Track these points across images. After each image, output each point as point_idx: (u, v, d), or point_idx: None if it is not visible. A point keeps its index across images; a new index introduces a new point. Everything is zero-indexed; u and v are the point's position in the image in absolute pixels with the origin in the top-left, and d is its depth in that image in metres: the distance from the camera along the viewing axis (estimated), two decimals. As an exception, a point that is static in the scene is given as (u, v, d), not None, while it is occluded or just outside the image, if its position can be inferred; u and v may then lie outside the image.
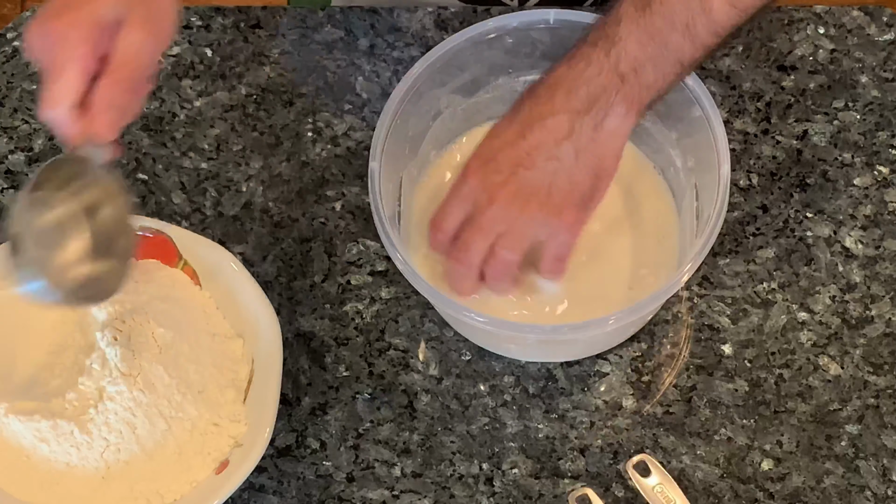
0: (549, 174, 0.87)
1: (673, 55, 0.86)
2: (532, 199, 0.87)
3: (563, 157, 0.87)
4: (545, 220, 0.88)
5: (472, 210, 0.89)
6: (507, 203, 0.87)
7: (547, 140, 0.87)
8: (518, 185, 0.87)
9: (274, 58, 1.09)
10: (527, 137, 0.87)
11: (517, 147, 0.87)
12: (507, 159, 0.88)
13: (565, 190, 0.87)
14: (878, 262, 0.99)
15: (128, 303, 0.90)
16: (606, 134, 0.87)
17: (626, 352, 0.96)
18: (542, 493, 0.92)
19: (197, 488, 0.89)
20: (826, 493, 0.91)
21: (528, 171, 0.87)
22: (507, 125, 0.89)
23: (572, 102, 0.86)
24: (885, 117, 1.04)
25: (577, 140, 0.86)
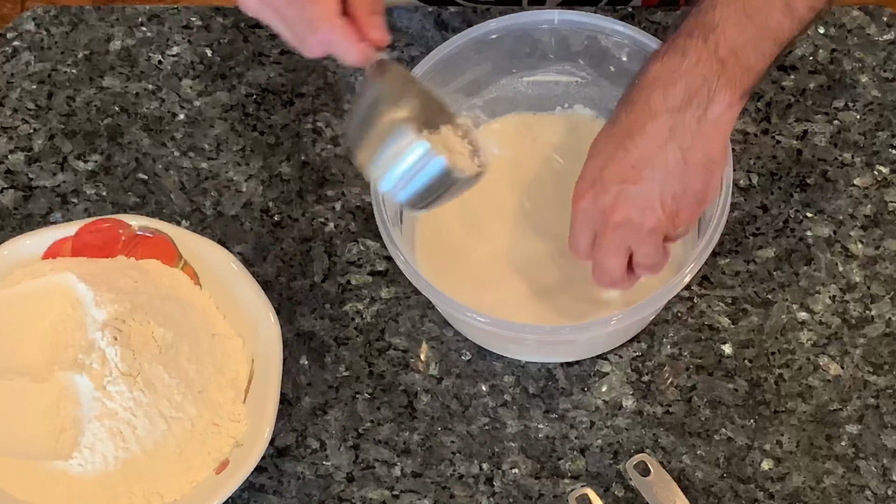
0: (658, 184, 0.83)
1: (772, 35, 0.82)
2: (648, 215, 0.84)
3: (669, 162, 0.83)
4: (665, 229, 0.85)
5: (596, 230, 0.86)
6: (622, 225, 0.84)
7: (650, 148, 0.83)
8: (629, 204, 0.84)
9: (274, 58, 1.09)
10: (629, 150, 0.83)
11: (620, 163, 0.84)
12: (613, 177, 0.84)
13: (678, 194, 0.84)
14: (878, 262, 0.99)
15: (128, 303, 0.90)
16: (710, 125, 0.83)
17: (626, 352, 0.96)
18: (542, 493, 0.92)
19: (197, 488, 0.89)
20: (826, 493, 0.91)
21: (635, 187, 0.83)
22: (606, 140, 0.85)
23: (670, 100, 0.82)
24: (885, 117, 1.04)
25: (682, 139, 0.82)
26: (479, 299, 0.94)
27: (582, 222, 0.87)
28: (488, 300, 0.95)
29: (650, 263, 0.87)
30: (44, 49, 1.10)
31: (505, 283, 0.96)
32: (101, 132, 1.07)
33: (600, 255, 0.87)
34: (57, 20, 1.11)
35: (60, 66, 1.09)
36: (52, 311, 0.91)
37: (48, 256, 0.96)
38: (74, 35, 1.11)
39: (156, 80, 1.08)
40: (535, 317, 0.94)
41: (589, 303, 0.94)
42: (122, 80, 1.08)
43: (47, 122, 1.07)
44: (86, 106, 1.08)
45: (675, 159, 0.83)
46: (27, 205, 1.04)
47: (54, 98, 1.08)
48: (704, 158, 0.83)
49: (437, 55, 0.95)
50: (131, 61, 1.09)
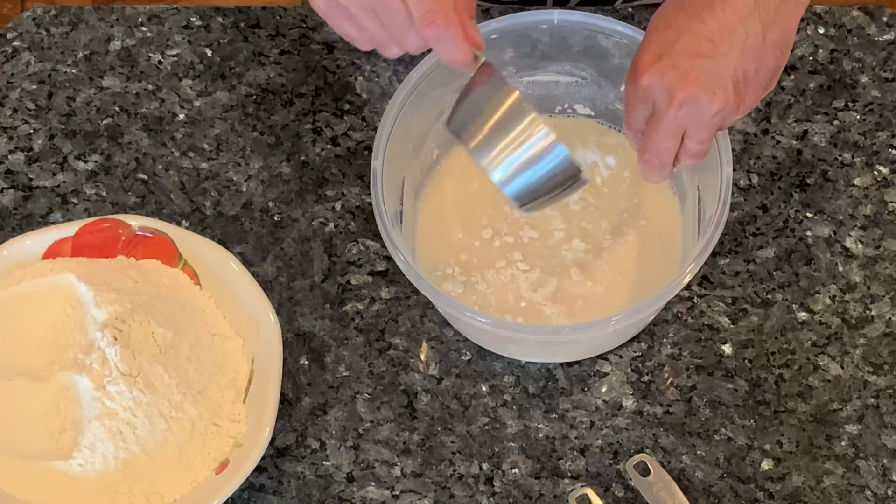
0: (733, 60, 0.78)
1: None
2: (718, 95, 0.79)
3: (749, 37, 0.78)
4: (731, 112, 0.81)
5: (653, 109, 0.82)
6: (689, 102, 0.79)
7: (731, 20, 0.78)
8: (699, 80, 0.78)
9: (274, 58, 1.09)
10: (706, 21, 0.78)
11: (696, 34, 0.79)
12: (686, 50, 0.79)
13: (751, 75, 0.80)
14: (878, 262, 0.99)
15: (128, 303, 0.90)
16: (789, 6, 0.79)
17: (626, 352, 0.96)
18: (542, 493, 0.92)
19: (197, 488, 0.89)
20: (826, 493, 0.91)
21: (709, 61, 0.78)
22: (678, 11, 0.80)
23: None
24: (885, 117, 1.04)
25: (764, 13, 0.78)
26: (479, 299, 0.94)
27: (643, 97, 0.81)
28: (489, 300, 0.95)
29: (701, 150, 0.83)
30: (44, 49, 1.10)
31: (505, 283, 0.96)
32: (101, 132, 1.07)
33: (657, 135, 0.82)
34: (57, 20, 1.11)
35: (60, 66, 1.09)
36: (52, 311, 0.91)
37: (48, 256, 0.96)
38: (74, 35, 1.11)
39: (156, 80, 1.08)
40: (535, 317, 0.94)
41: (589, 303, 0.95)
42: (122, 80, 1.08)
43: (47, 122, 1.07)
44: (86, 106, 1.08)
45: (755, 34, 0.79)
46: (27, 205, 1.04)
47: (54, 98, 1.08)
48: (781, 37, 0.80)
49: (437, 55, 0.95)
50: (131, 61, 1.09)
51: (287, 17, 1.10)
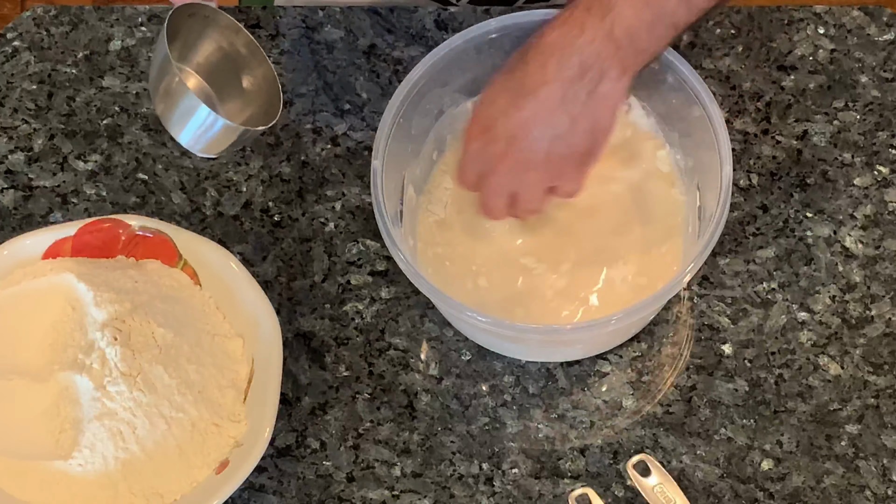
0: (545, 142, 0.87)
1: (668, 19, 0.86)
2: (532, 168, 0.88)
3: (558, 125, 0.87)
4: (549, 181, 0.90)
5: (482, 170, 0.90)
6: (508, 172, 0.89)
7: (540, 111, 0.87)
8: (516, 156, 0.88)
9: (274, 58, 1.09)
10: (521, 108, 0.87)
11: (512, 118, 0.88)
12: (504, 129, 0.88)
13: (564, 154, 0.88)
14: (878, 262, 0.99)
15: (128, 303, 0.90)
16: (600, 98, 0.87)
17: (626, 352, 0.96)
18: (542, 493, 0.92)
19: (197, 488, 0.89)
20: (826, 493, 0.91)
21: (524, 142, 0.88)
22: (501, 92, 0.89)
23: (564, 71, 0.86)
24: (885, 117, 1.04)
25: (572, 107, 0.87)
26: (480, 299, 0.94)
27: (472, 160, 0.91)
28: (489, 300, 0.95)
29: (531, 209, 0.92)
30: (44, 49, 1.10)
31: (505, 283, 0.96)
32: (101, 132, 1.07)
33: (486, 193, 0.91)
34: (57, 20, 1.11)
35: (60, 66, 1.09)
36: (52, 311, 0.91)
37: (48, 256, 0.96)
38: (74, 35, 1.11)
39: (156, 80, 1.08)
40: (535, 316, 0.94)
41: (588, 303, 0.94)
42: (122, 80, 1.08)
43: (47, 122, 1.07)
44: (86, 106, 1.08)
45: (564, 124, 0.87)
46: (27, 205, 1.04)
47: (54, 98, 1.08)
48: (592, 125, 0.88)
49: (437, 55, 0.95)
50: (131, 61, 1.09)
51: (287, 17, 1.10)
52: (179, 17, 0.87)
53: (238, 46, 0.92)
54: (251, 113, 0.92)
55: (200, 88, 0.92)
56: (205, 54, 0.92)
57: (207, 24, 0.90)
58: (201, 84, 0.92)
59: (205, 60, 0.92)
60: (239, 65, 0.92)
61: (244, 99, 0.93)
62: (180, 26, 0.88)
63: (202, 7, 0.88)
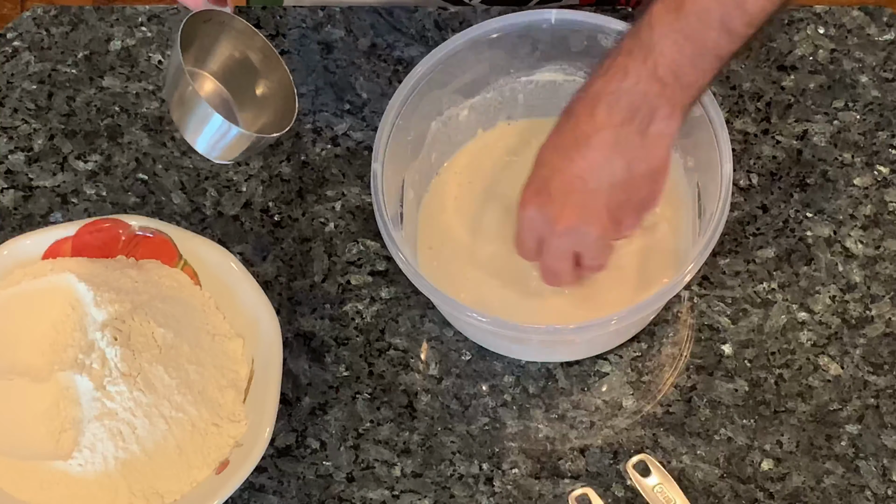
0: (604, 193, 0.86)
1: (711, 52, 0.84)
2: (593, 223, 0.87)
3: (615, 172, 0.85)
4: (612, 234, 0.88)
5: (541, 235, 0.89)
6: (569, 232, 0.87)
7: (595, 160, 0.85)
8: (575, 213, 0.86)
9: (274, 58, 1.09)
10: (575, 161, 0.86)
11: (567, 173, 0.86)
12: (560, 188, 0.86)
13: (622, 201, 0.87)
14: (878, 262, 0.99)
15: (128, 303, 0.90)
16: (653, 139, 0.85)
17: (626, 352, 0.96)
18: (542, 493, 0.92)
19: (197, 488, 0.89)
20: (826, 493, 0.91)
21: (581, 196, 0.86)
22: (553, 151, 0.88)
23: (614, 116, 0.85)
24: (885, 117, 1.04)
25: (626, 152, 0.85)
26: (480, 299, 0.94)
27: (529, 229, 0.89)
28: (489, 300, 0.95)
29: (596, 265, 0.91)
30: (44, 49, 1.10)
31: (506, 283, 0.96)
32: (101, 132, 1.07)
33: (549, 259, 0.90)
34: (57, 20, 1.11)
35: (60, 66, 1.09)
36: (52, 311, 0.91)
37: (48, 256, 0.96)
38: (74, 35, 1.11)
39: (156, 80, 1.08)
40: (536, 317, 0.94)
41: (589, 303, 0.94)
42: (122, 80, 1.08)
43: (47, 122, 1.07)
44: (86, 106, 1.08)
45: (621, 169, 0.86)
46: (27, 205, 1.04)
47: (54, 98, 1.08)
48: (647, 169, 0.86)
49: (436, 56, 0.95)
50: (131, 61, 1.09)
51: (287, 17, 1.10)
52: (195, 23, 0.87)
53: (254, 52, 0.91)
54: (267, 118, 0.92)
55: (216, 94, 0.92)
56: (220, 60, 0.92)
57: (223, 29, 0.90)
58: (218, 89, 0.92)
59: (221, 66, 0.92)
60: (255, 70, 0.92)
61: (260, 104, 0.93)
62: (196, 32, 0.88)
63: (217, 13, 0.88)
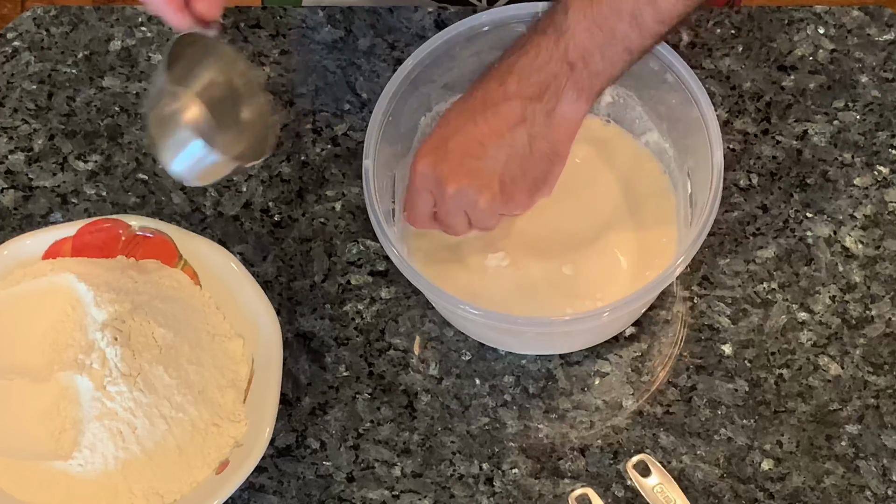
0: (500, 163, 0.87)
1: (620, 44, 0.85)
2: (482, 192, 0.87)
3: (516, 143, 0.86)
4: (499, 207, 0.88)
5: (434, 196, 0.89)
6: (458, 196, 0.87)
7: (500, 127, 0.86)
8: (468, 176, 0.87)
9: (274, 58, 1.09)
10: (478, 124, 0.86)
11: (468, 135, 0.87)
12: (457, 148, 0.87)
13: (517, 177, 0.87)
14: (878, 262, 0.99)
15: (128, 303, 0.90)
16: (559, 119, 0.86)
17: (626, 352, 0.96)
18: (542, 493, 0.92)
19: (197, 488, 0.89)
20: (826, 493, 0.91)
21: (477, 161, 0.87)
22: (458, 113, 0.88)
23: (524, 89, 0.86)
24: (885, 117, 1.04)
25: (531, 126, 0.86)
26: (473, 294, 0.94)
27: (420, 186, 0.89)
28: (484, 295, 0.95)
29: (485, 227, 0.91)
30: (44, 49, 1.10)
31: (500, 277, 0.96)
32: (101, 132, 1.07)
33: (443, 216, 0.90)
34: (57, 20, 1.11)
35: (60, 66, 1.09)
36: (52, 311, 0.91)
37: (48, 256, 0.96)
38: (74, 35, 1.11)
39: (156, 80, 1.08)
40: (530, 309, 0.94)
41: (585, 294, 0.94)
42: (122, 80, 1.08)
43: (47, 122, 1.07)
44: (86, 106, 1.08)
45: (522, 143, 0.86)
46: (27, 205, 1.04)
47: (54, 98, 1.08)
48: (549, 149, 0.87)
49: (423, 51, 0.95)
50: (131, 61, 1.09)
51: (287, 17, 1.10)
52: (181, 45, 0.87)
53: (237, 76, 0.91)
54: (247, 143, 0.91)
55: (197, 116, 0.91)
56: (204, 83, 0.91)
57: (208, 52, 0.89)
58: (199, 111, 0.92)
59: (204, 89, 0.91)
60: (238, 95, 0.91)
61: (240, 129, 0.92)
62: (181, 54, 0.87)
63: (202, 36, 0.87)
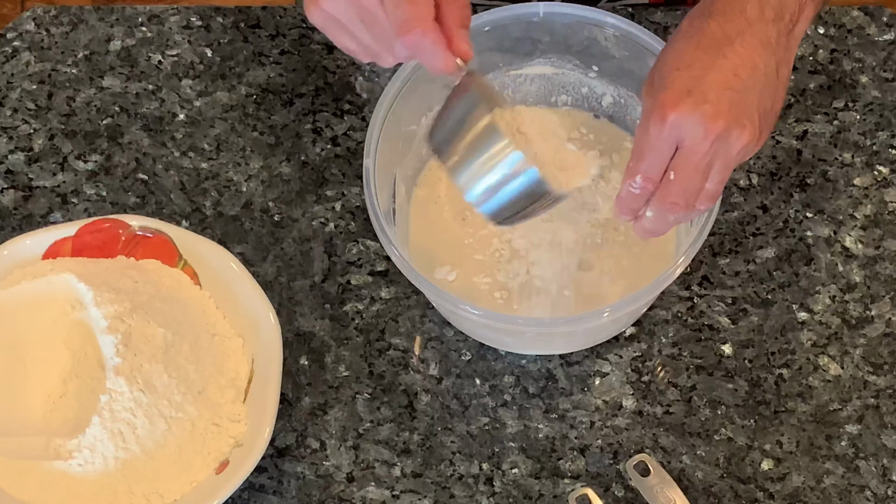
0: (756, 94, 0.80)
1: None
2: (747, 126, 0.80)
3: (768, 72, 0.81)
4: (754, 146, 0.81)
5: (682, 147, 0.80)
6: (725, 134, 0.79)
7: (751, 56, 0.80)
8: (732, 111, 0.79)
9: (274, 58, 1.09)
10: (728, 56, 0.80)
11: (720, 69, 0.80)
12: (715, 84, 0.79)
13: (768, 109, 0.82)
14: (878, 262, 0.99)
15: (128, 303, 0.90)
16: (794, 41, 0.83)
17: (626, 352, 0.96)
18: (542, 493, 0.92)
19: (197, 488, 0.89)
20: (826, 493, 0.91)
21: (738, 94, 0.80)
22: (695, 49, 0.81)
23: (766, 12, 0.81)
24: (885, 117, 1.04)
25: (777, 51, 0.81)
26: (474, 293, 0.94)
27: (668, 137, 0.80)
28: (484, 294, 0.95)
29: (716, 192, 0.82)
30: (44, 49, 1.10)
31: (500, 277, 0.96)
32: (101, 132, 1.07)
33: (687, 173, 0.80)
34: (57, 20, 1.11)
35: (60, 66, 1.09)
36: (52, 311, 0.91)
37: (48, 256, 0.96)
38: (74, 35, 1.11)
39: (156, 80, 1.08)
40: (530, 310, 0.94)
41: (585, 294, 0.95)
42: (122, 80, 1.09)
43: (47, 122, 1.07)
44: (86, 106, 1.08)
45: (772, 69, 0.81)
46: (27, 205, 1.04)
47: (54, 98, 1.08)
48: (788, 73, 0.83)
49: None
50: (131, 61, 1.09)
51: (287, 17, 1.10)
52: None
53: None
54: None
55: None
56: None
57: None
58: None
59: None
60: None
61: None
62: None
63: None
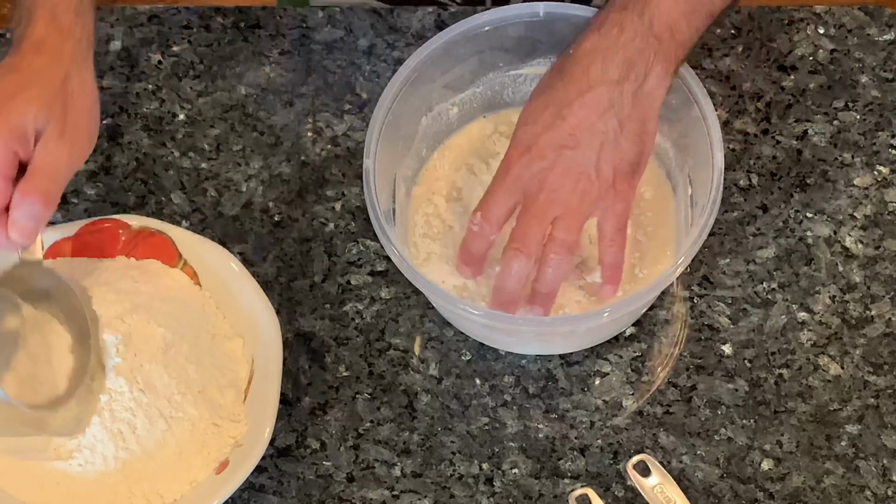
0: (594, 150, 0.85)
1: (705, 8, 0.85)
2: (582, 178, 0.85)
3: (607, 130, 0.85)
4: (599, 196, 0.86)
5: (520, 199, 0.87)
6: (558, 186, 0.85)
7: (589, 117, 0.85)
8: (566, 166, 0.85)
9: (274, 58, 1.09)
10: (567, 118, 0.85)
11: (558, 129, 0.85)
12: (550, 143, 0.85)
13: (614, 162, 0.86)
14: (878, 262, 0.99)
15: (128, 303, 0.90)
16: (645, 97, 0.85)
17: (626, 352, 0.96)
18: (542, 493, 0.92)
19: (197, 488, 0.89)
20: (826, 493, 0.91)
21: (573, 152, 0.85)
22: (543, 108, 0.87)
23: (609, 72, 0.85)
24: (885, 117, 1.04)
25: (620, 110, 0.85)
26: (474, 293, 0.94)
27: (507, 189, 0.87)
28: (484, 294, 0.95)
29: (569, 241, 0.86)
30: (44, 49, 1.10)
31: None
32: (101, 132, 1.06)
33: (526, 221, 0.86)
34: (57, 20, 1.11)
35: (60, 66, 1.09)
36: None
37: (48, 256, 0.96)
38: (74, 35, 1.10)
39: (156, 80, 1.08)
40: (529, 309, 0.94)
41: (584, 295, 0.94)
42: (122, 80, 1.08)
43: (47, 122, 1.07)
44: (86, 106, 1.07)
45: (613, 128, 0.85)
46: (27, 205, 1.04)
47: (54, 98, 1.08)
48: (640, 128, 0.86)
49: (424, 52, 0.95)
50: (131, 61, 1.09)
51: (287, 17, 1.10)
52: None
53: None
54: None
55: None
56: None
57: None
58: None
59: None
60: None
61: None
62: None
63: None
